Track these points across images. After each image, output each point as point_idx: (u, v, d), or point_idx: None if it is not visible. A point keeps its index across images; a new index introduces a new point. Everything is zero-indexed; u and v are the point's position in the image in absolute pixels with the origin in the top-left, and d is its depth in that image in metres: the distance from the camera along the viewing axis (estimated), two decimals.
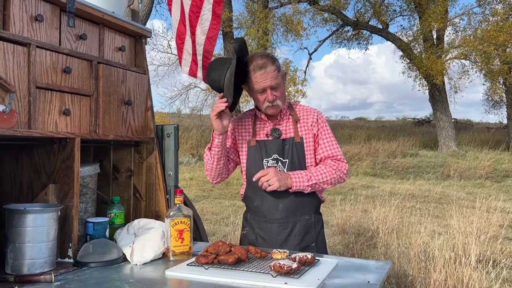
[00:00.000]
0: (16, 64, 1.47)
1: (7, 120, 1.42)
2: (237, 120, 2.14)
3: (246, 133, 2.08)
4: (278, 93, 1.97)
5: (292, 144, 2.00)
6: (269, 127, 2.04)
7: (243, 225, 2.13)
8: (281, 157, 1.98)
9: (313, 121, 2.05)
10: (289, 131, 2.03)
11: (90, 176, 1.85)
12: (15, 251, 1.43)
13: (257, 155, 2.01)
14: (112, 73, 1.86)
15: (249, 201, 2.05)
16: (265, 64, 1.93)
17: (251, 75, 1.96)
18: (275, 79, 1.94)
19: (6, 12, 1.48)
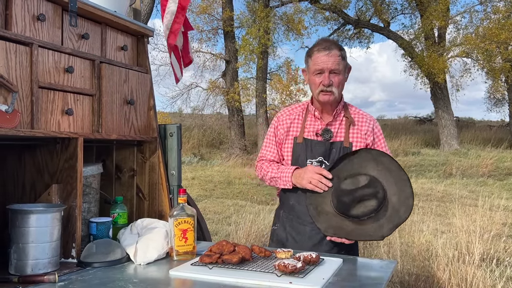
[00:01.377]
0: (18, 63, 1.47)
1: (10, 120, 1.41)
2: (286, 112, 2.07)
3: (294, 128, 2.01)
4: (336, 79, 1.89)
5: (339, 148, 1.92)
6: (320, 126, 1.97)
7: (274, 221, 2.08)
8: (326, 160, 1.92)
9: (368, 129, 1.97)
10: (340, 134, 1.95)
11: (93, 176, 1.84)
12: (18, 252, 1.42)
13: (302, 153, 1.94)
14: (114, 73, 1.85)
15: (285, 198, 2.00)
16: (330, 47, 1.88)
17: (313, 56, 1.91)
18: (337, 64, 1.87)
19: (8, 12, 1.48)
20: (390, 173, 1.77)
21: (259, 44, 14.41)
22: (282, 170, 1.93)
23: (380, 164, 1.79)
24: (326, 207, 1.80)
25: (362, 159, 1.81)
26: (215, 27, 16.41)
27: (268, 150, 2.06)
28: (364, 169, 1.79)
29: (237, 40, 15.79)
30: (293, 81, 15.10)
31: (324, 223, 1.79)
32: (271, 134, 2.06)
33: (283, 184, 1.92)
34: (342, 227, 1.76)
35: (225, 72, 15.99)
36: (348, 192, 1.71)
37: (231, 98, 14.79)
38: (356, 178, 1.73)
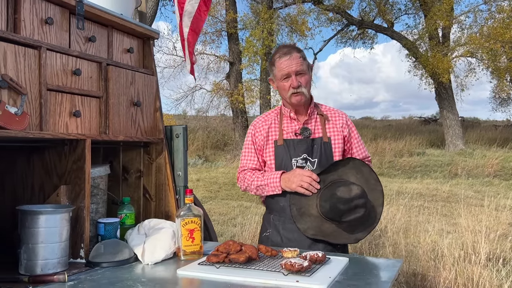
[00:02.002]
0: (27, 66, 1.49)
1: (19, 122, 1.44)
2: (262, 119, 2.12)
3: (272, 132, 2.06)
4: (303, 79, 1.97)
5: (320, 144, 1.99)
6: (297, 125, 2.03)
7: (265, 227, 2.09)
8: (310, 157, 1.97)
9: (343, 123, 2.08)
10: (318, 130, 2.03)
11: (101, 177, 1.86)
12: (28, 252, 1.44)
13: (285, 154, 1.98)
14: (121, 75, 1.87)
15: (274, 203, 2.01)
16: (289, 51, 1.97)
17: (276, 63, 2.00)
18: (300, 65, 1.96)
19: (17, 16, 1.50)
20: (367, 182, 1.89)
21: (263, 45, 14.42)
22: (268, 177, 1.96)
23: (359, 173, 1.90)
24: (310, 209, 1.86)
25: (346, 167, 1.91)
26: (218, 29, 16.48)
27: (248, 159, 2.09)
28: (346, 176, 1.89)
29: (240, 42, 15.82)
30: None
31: (305, 224, 1.86)
32: (249, 143, 2.10)
33: (271, 191, 1.95)
34: (322, 229, 1.85)
35: (229, 74, 16.02)
36: (345, 201, 1.78)
37: (235, 100, 14.82)
38: (348, 187, 1.80)
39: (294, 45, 2.03)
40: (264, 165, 2.08)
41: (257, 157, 2.07)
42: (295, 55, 1.96)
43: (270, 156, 2.03)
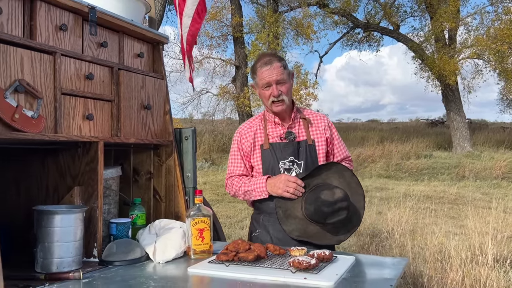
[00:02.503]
0: (42, 71, 1.55)
1: (36, 125, 1.49)
2: (247, 126, 2.18)
3: (258, 138, 2.12)
4: (283, 88, 2.03)
5: (305, 146, 2.06)
6: (282, 130, 2.10)
7: (254, 227, 2.14)
8: (296, 159, 2.03)
9: (325, 125, 2.15)
10: (302, 134, 2.10)
11: (113, 178, 1.91)
12: (44, 250, 1.49)
13: (272, 158, 2.04)
14: (132, 79, 1.92)
15: (264, 204, 2.06)
16: (270, 61, 2.02)
17: (257, 72, 2.05)
18: (281, 74, 2.01)
19: (33, 23, 1.56)
20: (349, 186, 1.95)
21: (269, 49, 14.48)
22: (254, 182, 2.02)
23: (342, 177, 1.97)
24: (295, 212, 1.92)
25: (330, 171, 1.97)
26: (224, 33, 16.57)
27: (236, 166, 2.14)
28: (329, 179, 1.95)
29: (246, 46, 15.91)
30: (303, 85, 15.14)
31: (290, 226, 1.92)
32: (235, 149, 2.15)
33: (258, 196, 2.01)
34: (306, 230, 1.91)
35: (235, 77, 16.10)
36: (328, 203, 1.84)
37: (241, 103, 14.88)
38: (332, 190, 1.86)
39: (275, 54, 2.09)
40: (252, 170, 2.13)
41: (244, 163, 2.13)
42: (276, 64, 2.01)
43: (257, 160, 2.09)
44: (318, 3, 16.13)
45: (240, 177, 2.12)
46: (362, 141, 17.36)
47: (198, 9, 2.27)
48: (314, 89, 15.36)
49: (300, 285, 1.31)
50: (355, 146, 16.09)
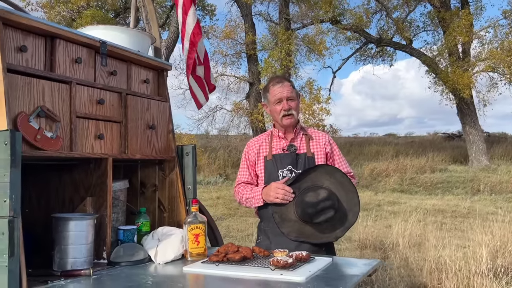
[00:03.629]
0: (60, 98, 1.81)
1: (54, 144, 1.75)
2: (254, 140, 2.45)
3: (263, 150, 2.37)
4: (293, 104, 2.32)
5: (304, 158, 2.30)
6: (285, 143, 2.35)
7: (258, 235, 2.39)
8: (294, 169, 2.27)
9: (326, 141, 2.39)
10: (303, 147, 2.34)
11: (121, 190, 2.16)
12: (60, 252, 1.74)
13: (273, 167, 2.30)
14: (138, 103, 2.18)
15: (264, 212, 2.30)
16: (281, 80, 2.34)
17: (270, 90, 2.35)
18: (290, 92, 2.31)
19: (52, 57, 1.83)
20: (341, 185, 2.14)
21: (281, 66, 14.79)
22: (254, 191, 2.28)
23: (333, 177, 2.16)
24: (289, 215, 2.13)
25: (319, 173, 2.16)
26: (238, 51, 16.98)
27: (242, 174, 2.41)
28: (320, 181, 2.14)
29: (259, 63, 16.24)
30: (316, 100, 15.33)
31: (287, 228, 2.12)
32: (243, 161, 2.42)
33: (256, 203, 2.25)
34: (303, 231, 2.11)
35: (248, 93, 16.43)
36: (312, 204, 2.05)
37: (255, 119, 15.15)
38: (316, 191, 2.06)
39: (285, 76, 2.42)
40: (257, 178, 2.38)
41: (249, 172, 2.39)
42: (286, 83, 2.32)
43: (261, 169, 2.35)
44: (331, 20, 16.41)
45: (246, 185, 2.38)
46: (376, 155, 17.35)
47: (194, 32, 2.54)
48: (327, 104, 15.54)
49: (277, 280, 1.52)
50: (369, 160, 16.11)
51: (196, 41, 2.47)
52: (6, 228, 1.40)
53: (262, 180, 2.34)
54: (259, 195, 2.23)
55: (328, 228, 2.11)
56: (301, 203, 2.08)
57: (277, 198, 2.14)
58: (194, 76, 2.65)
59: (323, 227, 2.10)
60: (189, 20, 2.45)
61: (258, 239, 2.35)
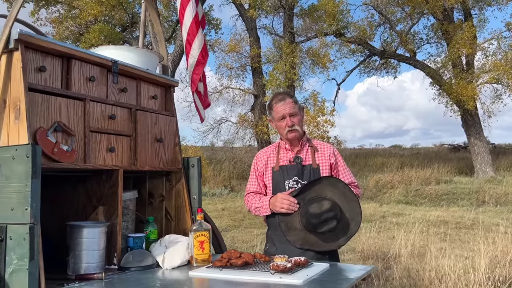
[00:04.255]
0: (75, 114, 1.95)
1: (70, 157, 1.88)
2: (263, 152, 2.60)
3: (271, 161, 2.51)
4: (296, 119, 2.44)
5: (310, 169, 2.42)
6: (292, 155, 2.48)
7: (266, 242, 2.51)
8: (300, 179, 2.40)
9: (330, 153, 2.51)
10: (308, 159, 2.46)
11: (130, 200, 2.29)
12: (75, 257, 1.86)
13: (280, 177, 2.43)
14: (147, 117, 2.32)
15: (271, 221, 2.43)
16: (284, 97, 2.46)
17: (273, 107, 2.48)
18: (293, 108, 2.43)
19: (68, 76, 1.98)
20: (344, 196, 2.25)
21: (286, 78, 14.98)
22: (262, 201, 2.41)
23: (336, 188, 2.27)
24: (294, 224, 2.25)
25: (323, 184, 2.28)
26: (243, 64, 17.23)
27: (252, 184, 2.55)
28: (324, 192, 2.25)
29: (264, 76, 16.46)
30: (320, 112, 15.48)
31: (293, 237, 2.24)
32: (252, 171, 2.56)
33: (264, 212, 2.38)
34: (308, 239, 2.23)
35: (253, 106, 16.62)
36: (316, 215, 2.17)
37: (260, 131, 15.30)
38: (320, 203, 2.18)
39: (287, 92, 2.52)
40: (265, 188, 2.51)
41: (258, 182, 2.52)
42: (288, 100, 2.44)
43: (268, 180, 2.48)
44: (335, 33, 16.61)
45: (255, 194, 2.51)
46: (382, 167, 17.38)
47: (202, 52, 2.70)
48: (331, 116, 15.66)
49: (276, 283, 1.63)
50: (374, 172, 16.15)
51: (204, 60, 2.63)
52: (27, 234, 1.52)
53: (270, 190, 2.46)
54: (267, 205, 2.36)
55: (331, 237, 2.22)
56: (306, 214, 2.19)
57: (282, 208, 2.26)
58: (197, 92, 2.81)
59: (326, 236, 2.21)
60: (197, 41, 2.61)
61: (266, 246, 2.47)
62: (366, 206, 11.44)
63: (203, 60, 2.63)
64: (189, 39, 2.61)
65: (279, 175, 2.43)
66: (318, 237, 2.21)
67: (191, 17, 2.57)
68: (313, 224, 2.18)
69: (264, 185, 2.51)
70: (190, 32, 2.60)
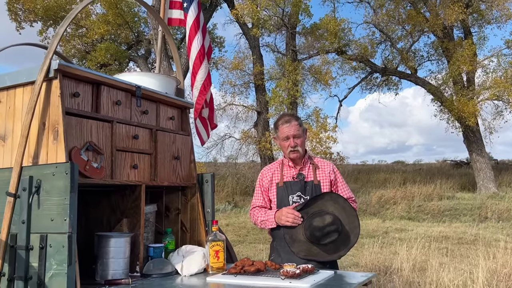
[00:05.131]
0: (104, 135, 2.17)
1: (99, 173, 2.09)
2: (267, 169, 2.80)
3: (275, 177, 2.71)
4: (299, 141, 2.66)
5: (312, 185, 2.63)
6: (295, 172, 2.69)
7: (270, 252, 2.70)
8: (303, 195, 2.61)
9: (330, 170, 2.73)
10: (310, 176, 2.67)
11: (151, 213, 2.49)
12: (102, 265, 2.05)
13: (284, 192, 2.63)
14: (165, 137, 2.53)
15: (277, 233, 2.62)
16: (290, 120, 2.68)
17: (279, 128, 2.70)
18: (297, 130, 2.65)
19: (98, 100, 2.20)
20: (343, 210, 2.45)
21: (288, 95, 15.24)
22: (268, 214, 2.62)
23: (336, 203, 2.48)
24: (299, 236, 2.45)
25: (325, 200, 2.48)
26: (246, 81, 17.55)
27: (257, 199, 2.76)
28: (325, 207, 2.45)
29: (267, 92, 16.74)
30: (323, 128, 15.69)
31: (297, 248, 2.44)
32: (258, 186, 2.76)
33: (270, 225, 2.59)
34: (311, 250, 2.43)
35: (256, 122, 16.87)
36: (319, 228, 2.37)
37: (263, 147, 15.51)
38: (322, 217, 2.38)
39: (293, 115, 2.75)
40: (270, 202, 2.70)
41: (263, 197, 2.73)
42: (293, 123, 2.66)
43: (273, 195, 2.69)
44: (336, 51, 16.93)
45: (260, 208, 2.72)
46: (384, 183, 17.47)
47: (205, 83, 2.96)
48: (333, 132, 15.87)
49: (286, 287, 1.81)
50: (377, 188, 16.25)
51: (206, 91, 2.88)
52: (66, 242, 1.72)
53: (274, 204, 2.66)
54: (272, 218, 2.56)
55: (332, 249, 2.42)
56: (310, 227, 2.39)
57: (287, 222, 2.46)
58: (200, 118, 3.06)
59: (328, 247, 2.41)
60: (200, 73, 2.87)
61: (271, 256, 2.66)
62: (369, 222, 11.56)
63: (204, 91, 2.88)
64: (194, 72, 2.87)
65: (283, 191, 2.63)
66: (320, 248, 2.40)
67: (196, 51, 2.85)
68: (316, 236, 2.37)
69: (269, 199, 2.71)
70: (194, 66, 2.87)
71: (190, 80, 2.96)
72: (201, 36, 2.95)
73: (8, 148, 2.06)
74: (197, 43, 2.92)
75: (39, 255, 1.76)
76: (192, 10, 3.04)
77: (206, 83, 2.90)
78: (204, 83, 2.89)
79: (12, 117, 2.08)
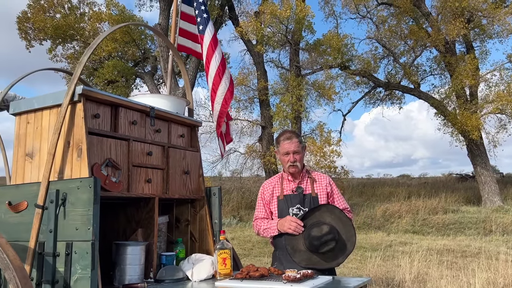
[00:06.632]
0: (121, 152, 2.38)
1: (117, 187, 2.29)
2: (268, 182, 3.00)
3: (276, 191, 2.92)
4: (298, 157, 2.86)
5: (310, 198, 2.84)
6: (294, 185, 2.89)
7: (272, 261, 2.89)
8: (302, 207, 2.81)
9: (327, 183, 2.93)
10: (308, 189, 2.88)
11: (163, 223, 2.68)
12: (120, 270, 2.24)
13: (284, 205, 2.84)
14: (176, 153, 2.75)
15: (278, 242, 2.81)
16: (291, 137, 2.90)
17: (281, 143, 2.91)
18: (297, 147, 2.86)
19: (116, 121, 2.41)
20: (340, 220, 2.64)
21: (292, 110, 15.46)
22: (270, 223, 2.82)
23: (333, 214, 2.67)
24: (299, 246, 2.64)
25: (322, 211, 2.67)
26: (251, 96, 17.80)
27: (259, 211, 2.97)
28: (323, 218, 2.64)
29: (271, 107, 16.97)
30: (327, 143, 15.84)
31: (298, 257, 2.62)
32: (260, 200, 2.96)
33: (272, 232, 2.78)
34: (311, 259, 2.61)
35: (261, 137, 17.07)
36: (317, 238, 2.56)
37: (267, 161, 15.67)
38: (320, 227, 2.57)
39: (294, 132, 2.99)
40: (271, 214, 2.90)
41: (265, 209, 2.93)
42: (294, 140, 2.88)
43: (274, 207, 2.89)
44: (340, 66, 17.17)
45: (262, 219, 2.92)
46: (389, 197, 17.51)
47: (226, 97, 3.17)
48: (337, 146, 16.02)
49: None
50: (382, 201, 16.30)
51: (227, 104, 3.10)
52: (90, 248, 1.92)
53: (275, 216, 2.86)
54: (275, 226, 2.76)
55: (331, 257, 2.60)
56: (309, 237, 2.58)
57: (290, 229, 2.65)
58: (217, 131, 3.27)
59: (327, 255, 2.59)
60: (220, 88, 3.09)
61: (273, 265, 2.83)
62: (373, 236, 11.64)
63: (226, 104, 3.10)
64: (214, 88, 3.09)
65: (284, 203, 2.84)
66: (320, 257, 2.58)
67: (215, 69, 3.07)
68: (315, 245, 2.55)
69: (270, 211, 2.91)
70: (214, 82, 3.09)
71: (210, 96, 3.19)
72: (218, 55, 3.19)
73: (36, 164, 2.28)
74: (215, 62, 3.16)
75: (65, 261, 1.96)
76: (208, 32, 3.28)
77: (227, 97, 3.13)
78: (225, 97, 3.12)
79: (39, 136, 2.30)
